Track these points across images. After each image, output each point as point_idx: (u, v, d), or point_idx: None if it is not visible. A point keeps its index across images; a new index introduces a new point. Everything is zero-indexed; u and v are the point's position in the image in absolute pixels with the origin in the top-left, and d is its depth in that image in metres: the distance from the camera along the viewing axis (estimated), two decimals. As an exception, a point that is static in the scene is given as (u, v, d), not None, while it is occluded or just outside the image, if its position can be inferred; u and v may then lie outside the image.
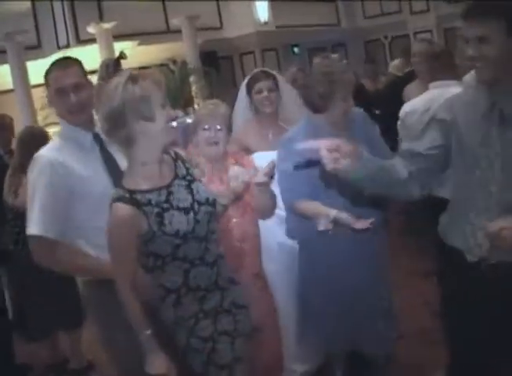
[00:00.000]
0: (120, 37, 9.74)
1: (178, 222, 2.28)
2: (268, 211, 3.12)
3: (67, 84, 2.71)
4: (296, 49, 13.26)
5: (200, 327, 2.38)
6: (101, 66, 8.17)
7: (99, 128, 2.68)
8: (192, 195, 2.38)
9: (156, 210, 2.26)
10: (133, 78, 2.18)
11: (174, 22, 10.84)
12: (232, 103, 3.71)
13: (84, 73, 2.83)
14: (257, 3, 12.02)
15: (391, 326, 3.28)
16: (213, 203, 2.43)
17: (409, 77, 5.47)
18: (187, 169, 2.46)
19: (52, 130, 5.36)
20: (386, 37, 14.57)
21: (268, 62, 12.40)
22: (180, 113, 9.06)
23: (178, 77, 9.62)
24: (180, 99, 9.22)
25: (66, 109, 2.75)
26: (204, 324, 2.38)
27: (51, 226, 2.60)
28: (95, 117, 2.85)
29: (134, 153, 2.28)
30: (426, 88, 4.26)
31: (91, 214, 2.62)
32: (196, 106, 9.50)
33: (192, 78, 9.84)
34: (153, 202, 2.26)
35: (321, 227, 2.93)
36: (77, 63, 2.82)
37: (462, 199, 2.48)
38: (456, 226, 2.49)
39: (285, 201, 3.18)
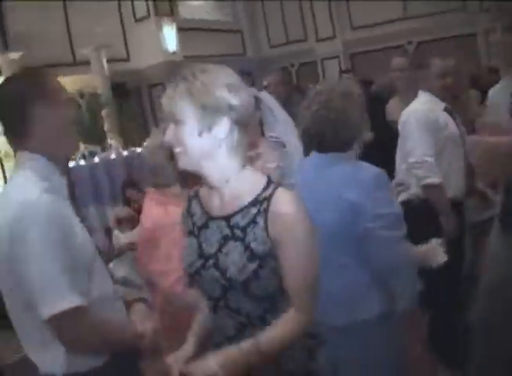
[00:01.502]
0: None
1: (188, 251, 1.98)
2: None
3: None
4: (204, 79, 12.99)
5: None
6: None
7: None
8: (221, 246, 1.88)
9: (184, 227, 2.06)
10: None
11: (83, 52, 10.24)
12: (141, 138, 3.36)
13: None
14: (165, 33, 11.67)
15: None
16: (244, 283, 1.83)
17: None
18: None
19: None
20: (293, 65, 14.55)
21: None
22: (98, 148, 8.55)
23: (87, 111, 9.12)
24: (95, 135, 8.72)
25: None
26: None
27: (80, 290, 1.98)
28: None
29: None
30: (408, 102, 4.03)
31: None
32: (109, 140, 9.02)
33: (103, 112, 9.36)
34: (193, 219, 2.02)
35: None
36: None
37: None
38: None
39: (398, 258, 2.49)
